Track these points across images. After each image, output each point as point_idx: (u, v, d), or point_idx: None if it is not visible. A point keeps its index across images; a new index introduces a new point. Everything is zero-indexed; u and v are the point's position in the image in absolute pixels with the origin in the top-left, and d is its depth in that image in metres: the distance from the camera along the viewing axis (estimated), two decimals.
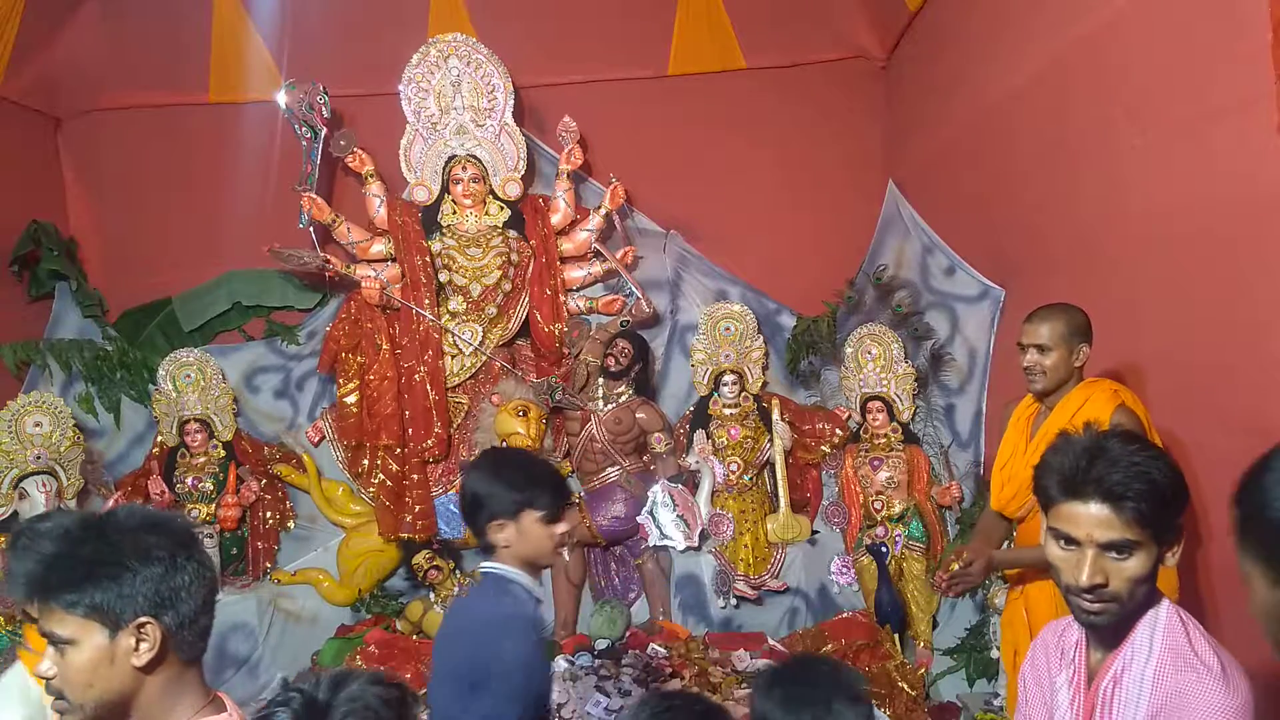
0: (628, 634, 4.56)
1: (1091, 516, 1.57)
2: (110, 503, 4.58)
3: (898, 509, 4.74)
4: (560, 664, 4.19)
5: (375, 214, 5.18)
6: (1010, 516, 3.13)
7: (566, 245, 5.27)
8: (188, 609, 1.44)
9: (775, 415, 4.89)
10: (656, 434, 4.88)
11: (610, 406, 4.88)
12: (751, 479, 4.93)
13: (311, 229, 5.08)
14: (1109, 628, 1.63)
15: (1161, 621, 1.60)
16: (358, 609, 4.92)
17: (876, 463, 4.82)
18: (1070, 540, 1.60)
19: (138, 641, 1.40)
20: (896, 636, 4.31)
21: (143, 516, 1.47)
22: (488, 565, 2.30)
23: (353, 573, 4.88)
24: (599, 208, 5.23)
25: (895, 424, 4.89)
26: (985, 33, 4.21)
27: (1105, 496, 1.56)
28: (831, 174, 5.62)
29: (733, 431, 4.96)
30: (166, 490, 4.80)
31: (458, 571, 4.89)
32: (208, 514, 4.87)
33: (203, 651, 1.51)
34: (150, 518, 1.48)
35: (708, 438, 4.93)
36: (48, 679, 1.43)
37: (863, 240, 5.46)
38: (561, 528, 2.31)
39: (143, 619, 1.40)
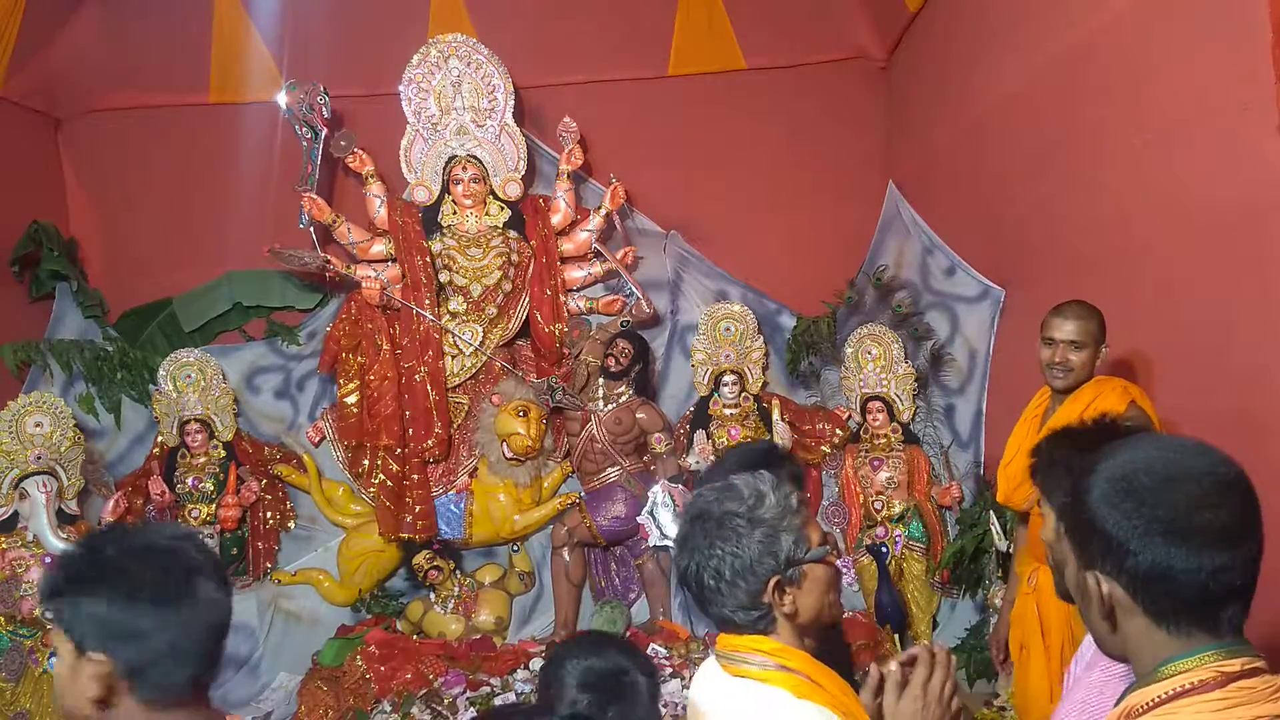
0: (628, 634, 4.56)
1: None
2: (111, 503, 4.58)
3: (898, 509, 4.74)
4: None
5: (375, 214, 5.18)
6: (1016, 509, 3.13)
7: (567, 245, 5.27)
8: (153, 651, 1.27)
9: (775, 415, 4.88)
10: (657, 434, 4.88)
11: (610, 407, 4.88)
12: None
13: (311, 229, 5.08)
14: None
15: None
16: (358, 609, 4.92)
17: (877, 463, 4.82)
18: None
19: (92, 673, 1.28)
20: (896, 636, 4.30)
21: (142, 542, 1.33)
22: None
23: (353, 573, 4.88)
24: (599, 208, 5.22)
25: (895, 424, 4.89)
26: (985, 33, 4.21)
27: None
28: (831, 174, 5.62)
29: (733, 432, 4.95)
30: (167, 490, 4.80)
31: (458, 572, 4.89)
32: (208, 514, 4.86)
33: (181, 697, 1.33)
34: (148, 545, 1.33)
35: (708, 438, 4.93)
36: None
37: (863, 240, 5.46)
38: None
39: (95, 653, 1.27)
